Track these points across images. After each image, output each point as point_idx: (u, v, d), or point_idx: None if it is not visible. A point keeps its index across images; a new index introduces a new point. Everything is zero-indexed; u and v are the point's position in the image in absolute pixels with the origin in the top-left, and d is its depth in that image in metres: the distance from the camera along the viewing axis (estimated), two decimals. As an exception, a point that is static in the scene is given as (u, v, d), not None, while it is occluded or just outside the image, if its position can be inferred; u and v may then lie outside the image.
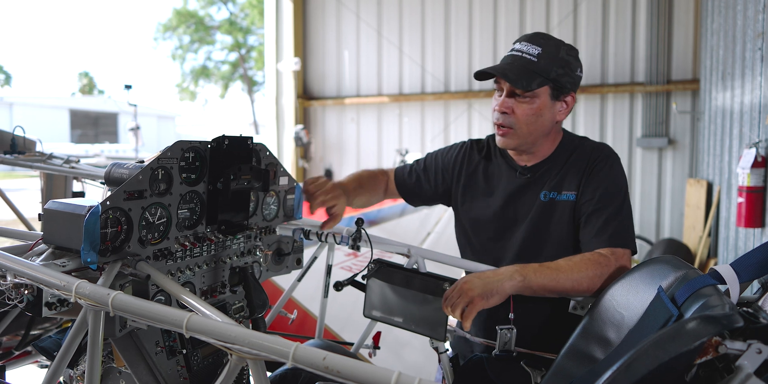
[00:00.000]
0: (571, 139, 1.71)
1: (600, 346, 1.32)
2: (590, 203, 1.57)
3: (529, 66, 1.53)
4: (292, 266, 1.81)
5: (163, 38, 32.14)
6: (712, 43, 5.69)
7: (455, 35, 8.15)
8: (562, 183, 1.63)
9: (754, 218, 3.80)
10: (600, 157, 1.61)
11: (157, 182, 1.29)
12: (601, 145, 1.67)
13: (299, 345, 0.87)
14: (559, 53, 1.56)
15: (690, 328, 0.81)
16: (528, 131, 1.59)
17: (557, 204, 1.62)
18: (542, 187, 1.65)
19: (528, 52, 1.55)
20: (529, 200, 1.67)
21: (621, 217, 1.54)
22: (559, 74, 1.56)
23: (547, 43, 1.56)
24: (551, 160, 1.67)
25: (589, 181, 1.59)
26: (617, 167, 1.61)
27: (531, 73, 1.53)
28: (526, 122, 1.58)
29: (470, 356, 1.69)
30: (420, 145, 8.51)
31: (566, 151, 1.68)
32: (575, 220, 1.61)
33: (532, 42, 1.56)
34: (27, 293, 1.10)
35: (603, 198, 1.56)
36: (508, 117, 1.58)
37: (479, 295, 1.37)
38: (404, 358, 2.62)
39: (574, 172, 1.63)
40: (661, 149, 7.03)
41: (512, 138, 1.61)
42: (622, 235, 1.52)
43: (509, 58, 1.58)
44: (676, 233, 6.92)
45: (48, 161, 2.40)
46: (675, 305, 1.09)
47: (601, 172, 1.59)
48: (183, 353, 1.39)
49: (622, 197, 1.58)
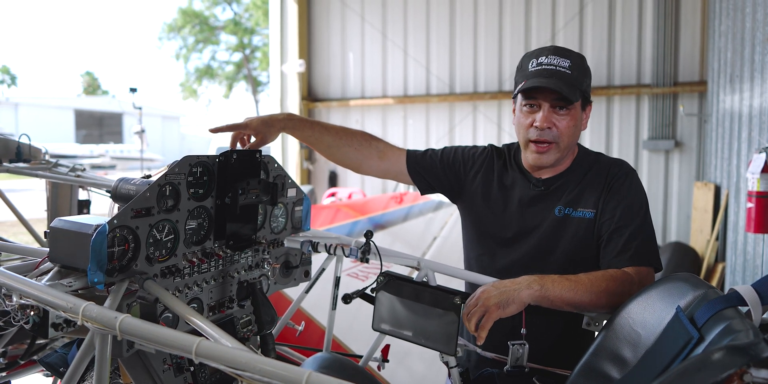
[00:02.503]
0: (587, 154, 1.69)
1: (615, 364, 1.30)
2: (611, 221, 1.54)
3: (569, 79, 1.53)
4: (300, 279, 1.79)
5: (168, 38, 32.23)
6: (720, 45, 5.65)
7: (460, 37, 8.12)
8: (579, 199, 1.61)
9: (763, 223, 3.76)
10: (619, 175, 1.59)
11: (164, 198, 1.27)
12: (619, 161, 1.65)
13: (312, 373, 0.85)
14: (584, 64, 1.59)
15: (717, 359, 0.78)
16: (567, 144, 1.59)
17: (572, 220, 1.60)
18: (557, 201, 1.63)
19: (561, 66, 1.54)
20: (541, 213, 1.64)
21: (643, 234, 1.51)
22: (587, 84, 1.59)
23: (572, 55, 1.57)
24: (567, 175, 1.65)
25: (608, 199, 1.57)
26: (636, 183, 1.59)
27: (572, 86, 1.53)
28: (568, 135, 1.57)
29: (481, 371, 1.66)
30: (425, 147, 8.44)
31: (583, 167, 1.65)
32: (595, 238, 1.58)
33: (558, 55, 1.56)
34: (33, 314, 1.08)
35: (624, 216, 1.53)
36: (551, 132, 1.56)
37: (495, 304, 1.35)
38: (412, 370, 2.59)
39: (592, 189, 1.60)
40: (668, 152, 6.99)
41: (553, 153, 1.58)
42: (644, 253, 1.49)
43: (546, 72, 1.54)
44: (683, 237, 6.87)
45: (53, 169, 2.39)
46: (695, 327, 1.07)
47: (621, 189, 1.57)
48: (191, 370, 1.37)
49: (643, 214, 1.55)
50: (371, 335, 1.77)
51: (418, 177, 1.81)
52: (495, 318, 1.36)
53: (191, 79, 33.30)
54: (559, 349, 1.62)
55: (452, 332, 1.47)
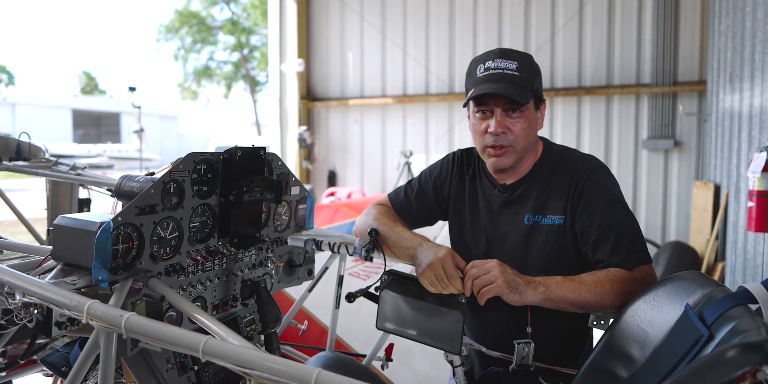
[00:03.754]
0: (551, 153, 1.65)
1: (623, 363, 1.29)
2: (591, 229, 1.50)
3: (517, 81, 1.51)
4: (304, 277, 1.78)
5: (165, 39, 32.16)
6: (720, 44, 5.65)
7: (459, 36, 8.12)
8: (546, 205, 1.57)
9: (764, 223, 3.75)
10: (584, 177, 1.54)
11: (169, 196, 1.26)
12: (584, 160, 1.60)
13: (321, 371, 0.84)
14: (532, 63, 1.57)
15: (731, 357, 0.78)
16: (523, 146, 1.57)
17: (542, 227, 1.57)
18: (525, 209, 1.60)
19: (509, 68, 1.52)
20: (510, 221, 1.62)
21: (628, 233, 1.48)
22: (537, 84, 1.57)
23: (519, 56, 1.55)
24: (531, 177, 1.62)
25: (580, 204, 1.52)
26: (604, 182, 1.54)
27: (522, 87, 1.51)
28: (523, 136, 1.55)
29: (486, 370, 1.66)
30: (424, 147, 8.48)
31: (546, 168, 1.62)
32: (569, 245, 1.54)
33: (505, 57, 1.54)
34: (36, 313, 1.07)
35: (603, 221, 1.49)
36: (506, 136, 1.54)
37: (506, 282, 1.34)
38: (415, 369, 2.58)
39: (558, 194, 1.56)
40: (667, 151, 6.99)
41: (510, 156, 1.57)
42: (636, 251, 1.47)
43: (494, 76, 1.52)
44: (682, 236, 6.87)
45: (54, 168, 2.37)
46: (704, 325, 1.06)
47: (591, 193, 1.52)
48: (194, 369, 1.36)
49: (621, 210, 1.52)
50: (371, 334, 1.76)
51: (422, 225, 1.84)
52: (497, 293, 1.34)
53: (189, 80, 33.25)
54: (564, 348, 1.62)
55: (457, 331, 1.46)
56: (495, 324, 1.66)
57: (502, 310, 1.51)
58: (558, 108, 7.55)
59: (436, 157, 8.10)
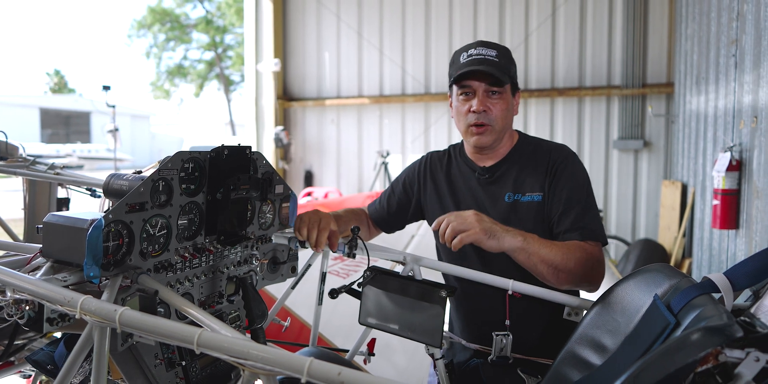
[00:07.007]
0: (527, 142, 1.81)
1: (596, 351, 1.35)
2: (560, 203, 1.66)
3: (497, 65, 1.67)
4: (287, 274, 1.81)
5: (138, 36, 31.61)
6: (687, 48, 5.83)
7: (435, 38, 8.20)
8: (524, 184, 1.72)
9: (728, 220, 3.91)
10: (560, 159, 1.71)
11: (158, 194, 1.28)
12: (559, 146, 1.77)
13: (314, 360, 0.88)
14: (509, 55, 1.74)
15: (695, 340, 0.84)
16: (502, 126, 1.71)
17: (522, 205, 1.70)
18: (505, 188, 1.73)
19: (489, 55, 1.68)
20: (491, 201, 1.74)
21: (590, 213, 1.64)
22: (513, 72, 1.73)
23: (498, 47, 1.72)
24: (508, 160, 1.77)
25: (554, 182, 1.68)
26: (578, 166, 1.71)
27: (502, 71, 1.67)
28: (501, 117, 1.70)
29: (466, 362, 1.71)
30: (401, 147, 8.53)
31: (523, 153, 1.77)
32: (544, 219, 1.69)
33: (486, 46, 1.71)
34: (28, 309, 1.08)
35: (570, 197, 1.65)
36: (486, 115, 1.69)
37: (483, 229, 1.45)
38: (395, 363, 2.63)
39: (536, 173, 1.71)
40: (637, 151, 7.18)
41: (490, 134, 1.71)
42: (593, 229, 1.61)
43: (476, 60, 1.67)
44: (651, 234, 7.07)
45: (31, 167, 2.35)
46: (671, 313, 1.13)
47: (564, 172, 1.68)
48: (182, 365, 1.38)
49: (587, 193, 1.68)
50: (351, 330, 1.80)
51: (397, 226, 2.04)
52: (473, 240, 1.45)
53: (162, 79, 32.72)
54: (542, 340, 1.68)
55: (438, 325, 1.51)
56: (474, 317, 1.72)
57: (482, 303, 1.57)
58: (532, 109, 7.69)
59: (412, 157, 8.17)
